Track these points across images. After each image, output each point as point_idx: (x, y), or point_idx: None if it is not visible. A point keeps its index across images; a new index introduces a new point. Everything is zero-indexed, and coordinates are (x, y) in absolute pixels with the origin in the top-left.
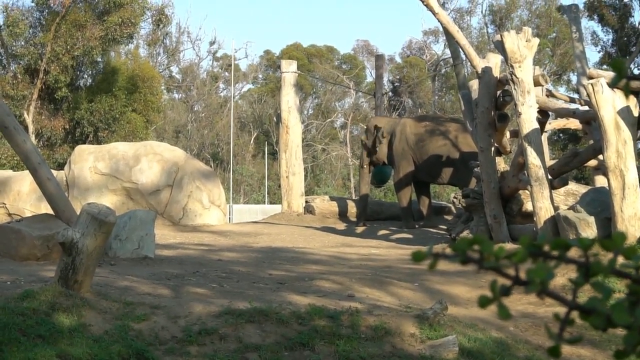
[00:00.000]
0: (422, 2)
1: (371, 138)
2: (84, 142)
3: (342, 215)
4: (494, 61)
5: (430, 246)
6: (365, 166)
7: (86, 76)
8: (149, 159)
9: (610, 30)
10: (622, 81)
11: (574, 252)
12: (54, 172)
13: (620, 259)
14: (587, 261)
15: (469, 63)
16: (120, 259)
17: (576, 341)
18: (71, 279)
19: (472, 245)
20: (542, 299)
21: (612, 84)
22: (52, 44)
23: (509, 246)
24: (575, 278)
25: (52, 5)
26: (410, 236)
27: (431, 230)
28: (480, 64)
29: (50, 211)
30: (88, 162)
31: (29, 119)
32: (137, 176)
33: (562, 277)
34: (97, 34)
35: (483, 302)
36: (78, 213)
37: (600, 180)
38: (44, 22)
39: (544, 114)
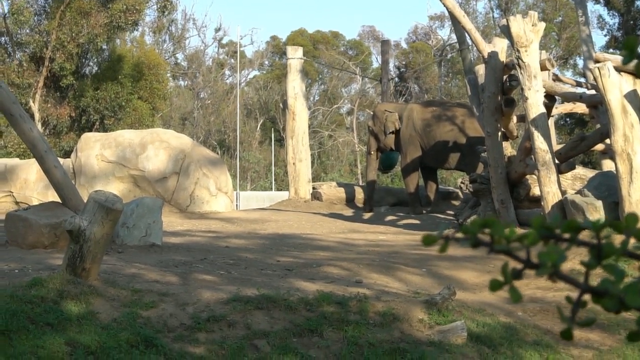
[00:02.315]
0: None
1: (378, 124)
2: (90, 130)
3: (350, 201)
4: (500, 46)
5: (440, 230)
6: (372, 152)
7: (92, 64)
8: (156, 147)
9: (617, 14)
10: (633, 61)
11: (584, 235)
12: (61, 160)
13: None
14: (599, 243)
15: (475, 48)
16: (128, 247)
17: (588, 324)
18: (79, 266)
19: (482, 228)
20: (554, 281)
21: (624, 63)
22: (57, 32)
23: (518, 230)
24: (587, 260)
25: None
26: (418, 222)
27: (438, 215)
28: (486, 48)
29: (57, 199)
30: (94, 149)
31: (35, 107)
32: (144, 164)
33: (571, 261)
34: (102, 21)
35: (494, 286)
36: (85, 201)
37: (607, 164)
38: (48, 10)
39: (550, 99)
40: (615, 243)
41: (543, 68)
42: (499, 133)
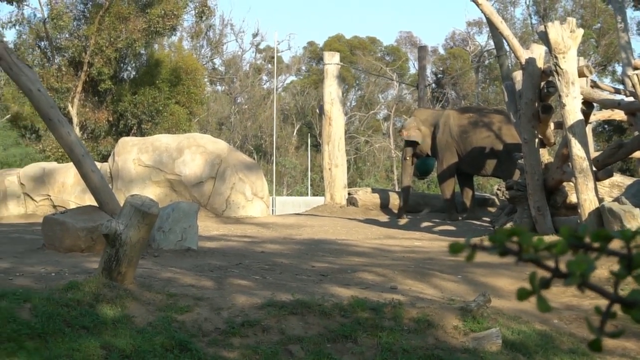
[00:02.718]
0: None
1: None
2: (127, 134)
3: (385, 207)
4: (538, 52)
5: (468, 238)
6: (408, 158)
7: (129, 68)
8: (192, 151)
9: None
10: None
11: (616, 244)
12: (98, 164)
13: None
14: (629, 253)
15: (512, 54)
16: (164, 251)
17: (617, 335)
18: (115, 270)
19: (511, 237)
20: (582, 291)
21: None
22: (96, 37)
23: (550, 238)
24: (617, 270)
25: None
26: (454, 228)
27: (474, 222)
28: (524, 55)
29: (94, 203)
30: (132, 154)
31: (73, 111)
32: (180, 168)
33: (605, 269)
34: (140, 26)
35: (522, 295)
36: (122, 205)
37: None
38: (87, 15)
39: (588, 105)
40: None
41: (581, 75)
42: (536, 140)
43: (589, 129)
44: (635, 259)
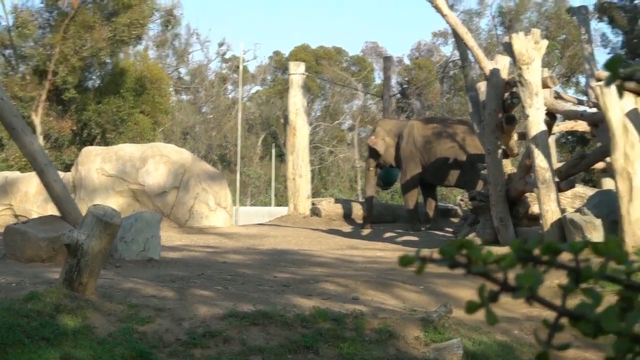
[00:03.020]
0: (431, 3)
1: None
2: (91, 144)
3: (348, 217)
4: (503, 63)
5: (418, 250)
6: (371, 168)
7: (94, 77)
8: (156, 161)
9: (620, 32)
10: (616, 81)
11: (566, 257)
12: (61, 174)
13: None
14: (577, 266)
15: (477, 65)
16: (126, 261)
17: (565, 348)
18: (76, 280)
19: (460, 250)
20: (531, 305)
21: (606, 84)
22: (61, 45)
23: (501, 250)
24: (566, 283)
25: (61, 6)
26: (416, 239)
27: (437, 233)
28: (488, 65)
29: (57, 213)
30: (95, 163)
31: (37, 120)
32: (144, 178)
33: (558, 278)
34: (106, 35)
35: (471, 308)
36: (84, 215)
37: (607, 183)
38: (52, 23)
39: (551, 116)
40: (594, 266)
41: (545, 86)
42: (500, 150)
43: (552, 140)
44: (582, 272)
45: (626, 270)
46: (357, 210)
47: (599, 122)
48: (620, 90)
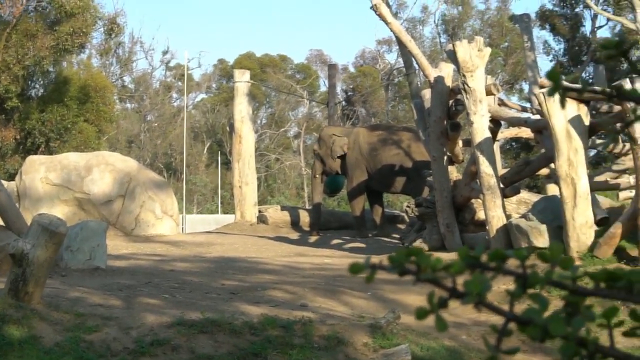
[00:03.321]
0: (375, 12)
1: (324, 147)
2: (35, 153)
3: (295, 224)
4: (447, 70)
5: (367, 258)
6: (317, 176)
7: (37, 86)
8: (101, 169)
9: (562, 40)
10: (558, 91)
11: (513, 263)
12: (5, 183)
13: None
14: (524, 272)
15: (421, 72)
16: (72, 270)
17: (513, 352)
18: (21, 290)
19: (409, 257)
20: (479, 310)
21: (548, 94)
22: (3, 54)
23: (449, 256)
24: (513, 289)
25: (2, 14)
26: (364, 245)
27: (384, 239)
28: (432, 73)
29: (1, 222)
30: (39, 172)
31: None
32: (89, 186)
33: (505, 285)
34: (48, 44)
35: (421, 314)
36: (29, 224)
37: (552, 189)
38: None
39: (496, 123)
40: (541, 272)
41: (489, 93)
42: (445, 157)
43: (496, 147)
44: (529, 278)
45: (571, 276)
46: (304, 218)
47: (542, 128)
48: (563, 100)
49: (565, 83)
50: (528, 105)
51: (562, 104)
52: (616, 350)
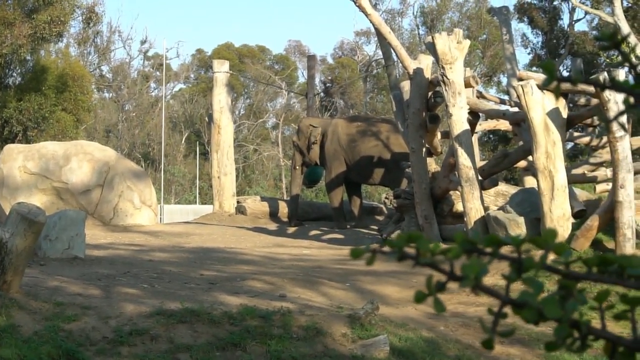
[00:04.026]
0: (355, 3)
1: (303, 139)
2: (12, 141)
3: (274, 215)
4: (426, 62)
5: (366, 244)
6: (297, 167)
7: (15, 74)
8: (79, 159)
9: (540, 33)
10: (553, 83)
11: (505, 250)
12: None
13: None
14: (519, 257)
15: (400, 64)
16: (50, 259)
17: (508, 334)
18: (0, 279)
19: (408, 242)
20: (476, 294)
21: (544, 86)
22: None
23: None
24: (508, 274)
25: None
26: (342, 236)
27: (362, 230)
28: (411, 65)
29: None
30: (17, 161)
31: None
32: (67, 176)
33: (492, 276)
34: (26, 32)
35: (419, 298)
36: (7, 213)
37: (529, 181)
38: None
39: (474, 115)
40: (534, 258)
41: (467, 85)
42: (424, 149)
43: (475, 139)
44: (525, 263)
45: (565, 261)
46: (283, 209)
47: (521, 121)
48: (558, 92)
49: (560, 74)
50: (506, 97)
51: (557, 95)
52: (608, 333)
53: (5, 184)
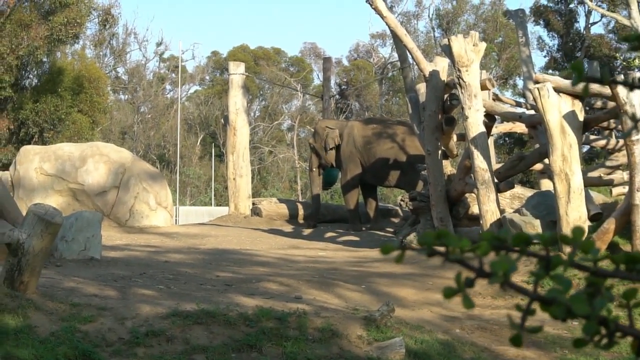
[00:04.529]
0: (371, 5)
1: (319, 141)
2: (29, 143)
3: (289, 217)
4: (442, 65)
5: (398, 239)
6: (315, 169)
7: (31, 76)
8: (95, 160)
9: (556, 35)
10: (581, 82)
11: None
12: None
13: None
14: (547, 255)
15: (416, 66)
16: (67, 260)
17: (536, 331)
18: (17, 280)
19: (437, 239)
20: (505, 290)
21: (573, 84)
22: None
23: None
24: (536, 270)
25: None
26: (357, 239)
27: (378, 232)
28: (427, 67)
29: None
30: (34, 162)
31: None
32: (84, 177)
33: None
34: (43, 34)
35: (448, 293)
36: (24, 214)
37: (545, 184)
38: None
39: (490, 118)
40: (562, 255)
41: (483, 88)
42: (439, 151)
43: (490, 141)
44: (553, 260)
45: (592, 258)
46: (299, 210)
47: (537, 124)
48: (586, 92)
49: (590, 74)
50: (522, 100)
51: (586, 94)
52: (635, 330)
53: (21, 185)
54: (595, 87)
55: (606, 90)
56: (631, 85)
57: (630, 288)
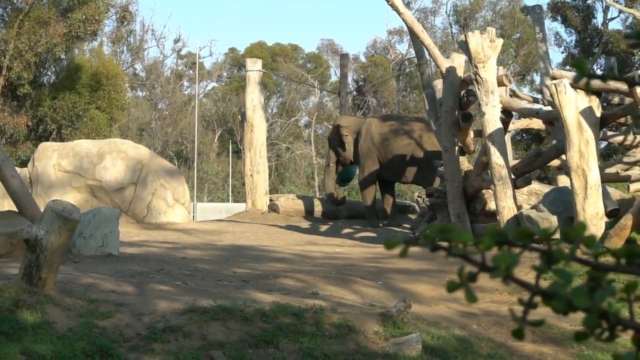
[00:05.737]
0: (387, 1)
1: (337, 137)
2: (47, 140)
3: (306, 213)
4: (458, 61)
5: (415, 235)
6: (332, 164)
7: (49, 73)
8: (113, 157)
9: (574, 32)
10: (583, 79)
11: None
12: (18, 169)
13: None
14: (549, 249)
15: (433, 63)
16: (84, 257)
17: (538, 324)
18: (35, 276)
19: (441, 234)
20: (507, 284)
21: (575, 81)
22: (15, 41)
23: None
24: (539, 265)
25: (15, 1)
26: (374, 235)
27: (395, 229)
28: (444, 63)
29: (14, 208)
30: (52, 159)
31: None
32: (101, 174)
33: (521, 272)
34: (61, 31)
35: (451, 287)
36: (42, 210)
37: (562, 180)
38: (7, 19)
39: (507, 114)
40: (564, 250)
41: (500, 84)
42: (456, 147)
43: (507, 138)
44: (555, 254)
45: (594, 253)
46: (316, 207)
47: (554, 120)
48: (588, 88)
49: (591, 71)
50: (539, 96)
51: (588, 91)
52: (636, 323)
53: (39, 181)
54: (612, 84)
55: (623, 86)
56: (635, 83)
57: (631, 282)
